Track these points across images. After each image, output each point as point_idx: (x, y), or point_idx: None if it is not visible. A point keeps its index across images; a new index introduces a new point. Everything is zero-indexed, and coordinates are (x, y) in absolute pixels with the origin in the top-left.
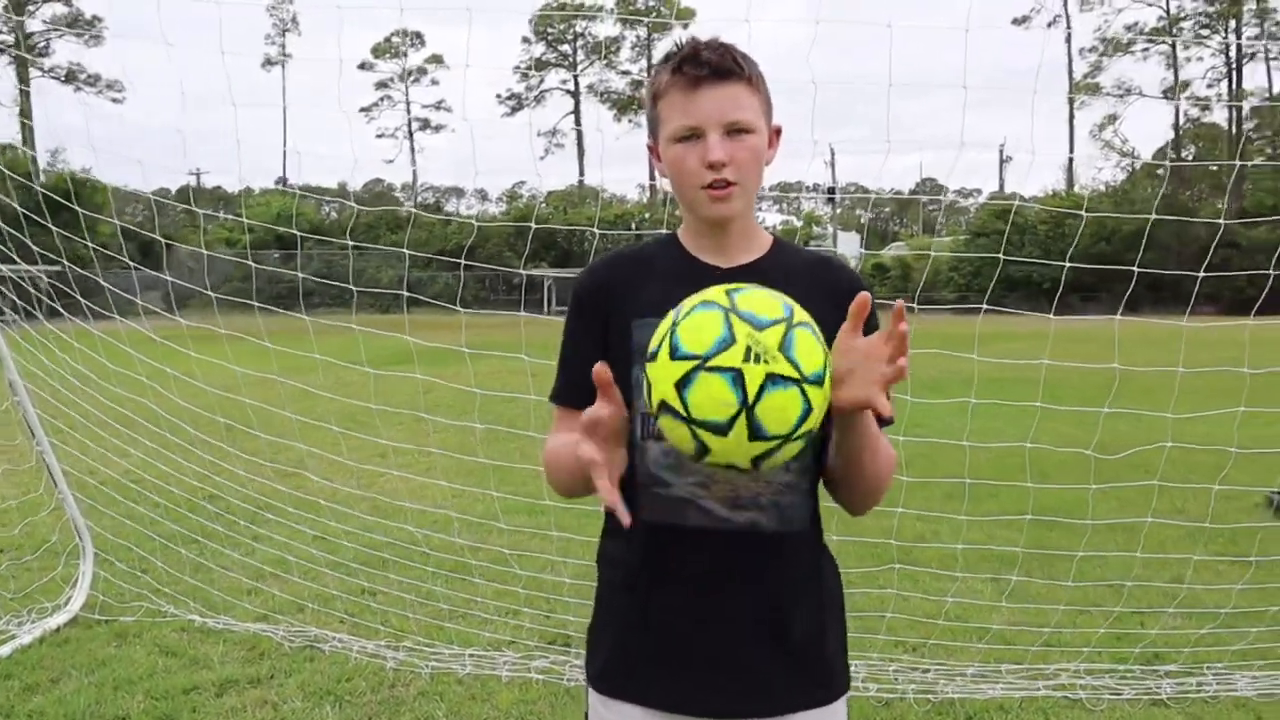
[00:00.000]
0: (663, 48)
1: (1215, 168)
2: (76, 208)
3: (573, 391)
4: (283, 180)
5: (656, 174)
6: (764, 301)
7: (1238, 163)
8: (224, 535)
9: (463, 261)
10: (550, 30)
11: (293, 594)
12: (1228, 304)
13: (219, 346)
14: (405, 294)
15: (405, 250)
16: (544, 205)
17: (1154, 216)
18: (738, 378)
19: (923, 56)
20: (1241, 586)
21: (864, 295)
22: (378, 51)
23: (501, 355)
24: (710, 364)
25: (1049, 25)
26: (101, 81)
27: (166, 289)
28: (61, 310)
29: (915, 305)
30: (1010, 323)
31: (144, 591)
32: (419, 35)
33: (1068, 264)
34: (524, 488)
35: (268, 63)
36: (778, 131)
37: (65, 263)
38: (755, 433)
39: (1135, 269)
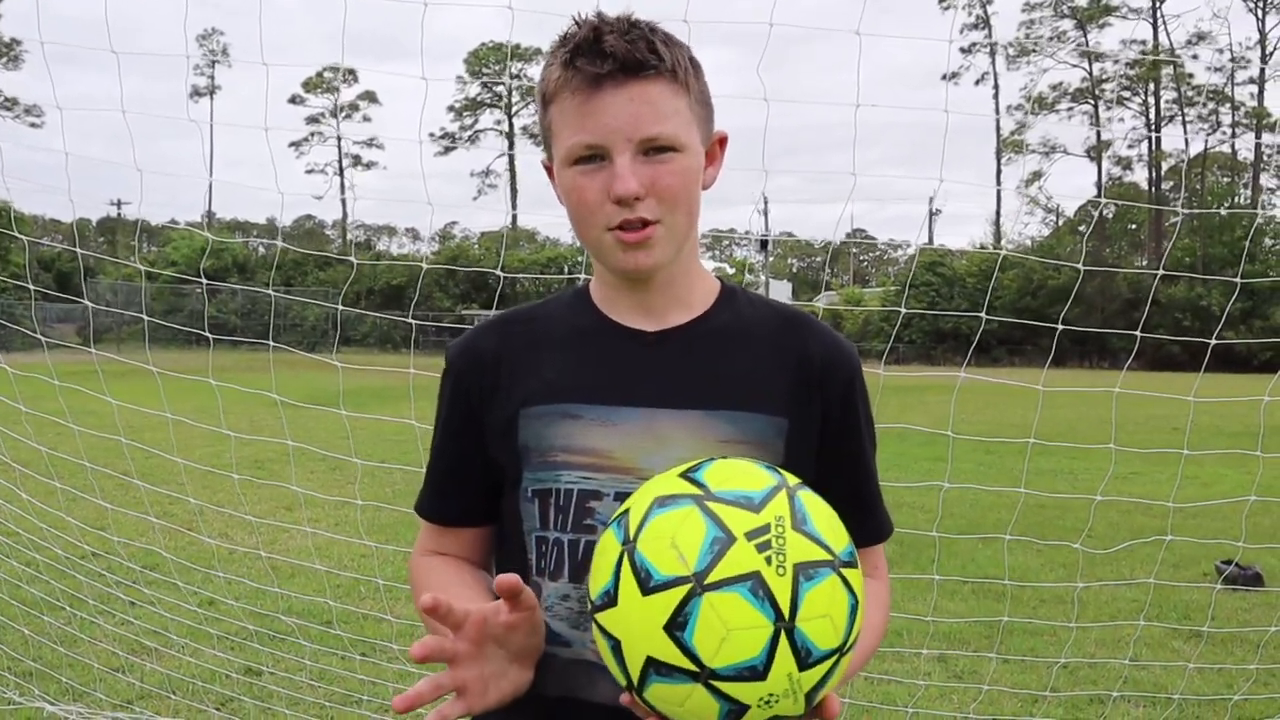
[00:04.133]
0: None
1: (1134, 226)
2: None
3: (441, 503)
4: (209, 214)
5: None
6: (745, 470)
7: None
8: (96, 602)
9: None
10: (485, 71)
11: (167, 671)
12: (1150, 359)
13: (129, 384)
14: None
15: (344, 305)
16: (476, 246)
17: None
18: (757, 585)
19: (852, 109)
20: (1197, 665)
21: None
22: (309, 86)
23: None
24: (708, 580)
25: (976, 83)
26: (19, 106)
27: (80, 322)
28: None
29: (882, 371)
30: (941, 375)
31: None
32: (352, 71)
33: (1061, 325)
34: None
35: (196, 94)
36: (722, 141)
37: None
38: (802, 654)
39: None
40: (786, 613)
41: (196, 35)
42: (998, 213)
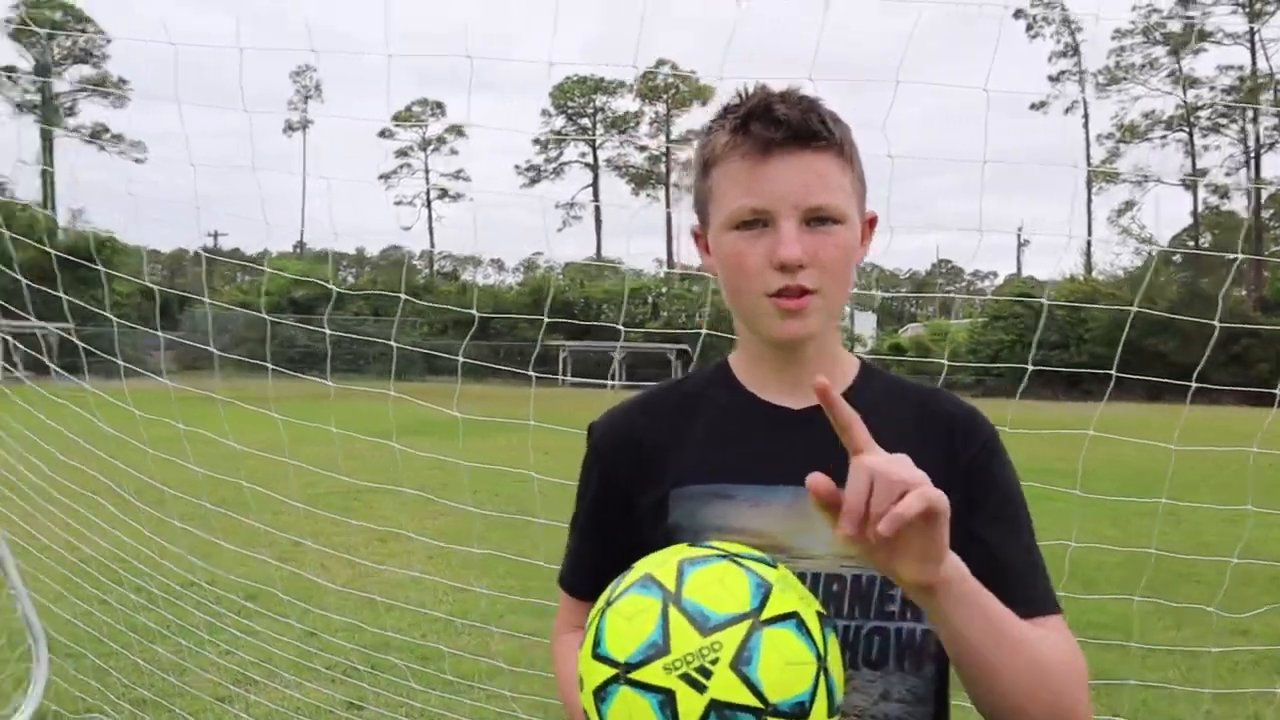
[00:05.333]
0: (683, 124)
1: (1232, 256)
2: (99, 267)
3: (587, 580)
4: (300, 245)
5: (701, 265)
6: (726, 584)
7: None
8: (202, 632)
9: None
10: (570, 104)
11: (272, 705)
12: (1250, 394)
13: (228, 411)
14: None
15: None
16: (561, 277)
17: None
18: (667, 703)
19: (939, 138)
20: None
21: (819, 379)
22: (399, 119)
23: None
24: (631, 676)
25: (1066, 111)
26: (125, 142)
27: (180, 350)
28: (59, 371)
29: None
30: (1027, 407)
31: (100, 703)
32: (440, 105)
33: (1195, 383)
34: (529, 583)
35: (289, 128)
36: (872, 222)
37: (73, 324)
38: None
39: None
40: None
41: (290, 72)
42: (1089, 245)
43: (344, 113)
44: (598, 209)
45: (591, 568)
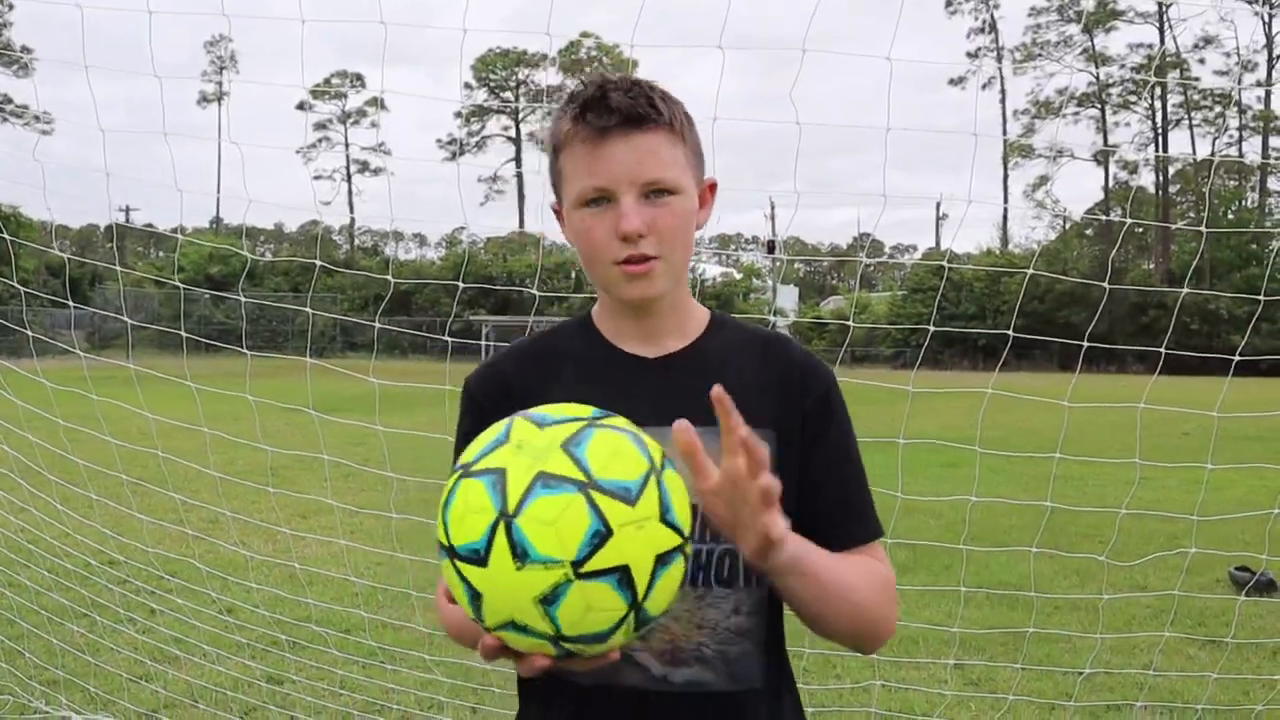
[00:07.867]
0: None
1: (1140, 229)
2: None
3: None
4: (216, 219)
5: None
6: (622, 453)
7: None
8: (118, 609)
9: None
10: (492, 77)
11: (190, 679)
12: (1155, 362)
13: (137, 390)
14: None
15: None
16: (483, 251)
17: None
18: (498, 480)
19: (860, 114)
20: (1218, 675)
21: (716, 389)
22: (317, 92)
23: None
24: (474, 468)
25: (983, 87)
26: (29, 113)
27: (90, 327)
28: None
29: (911, 386)
30: (946, 379)
31: (10, 684)
32: (359, 77)
33: (1087, 342)
34: None
35: (204, 100)
36: (711, 187)
37: None
38: (518, 551)
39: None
40: (640, 596)
41: (205, 41)
42: (1005, 218)
43: (261, 81)
44: (520, 183)
45: None
